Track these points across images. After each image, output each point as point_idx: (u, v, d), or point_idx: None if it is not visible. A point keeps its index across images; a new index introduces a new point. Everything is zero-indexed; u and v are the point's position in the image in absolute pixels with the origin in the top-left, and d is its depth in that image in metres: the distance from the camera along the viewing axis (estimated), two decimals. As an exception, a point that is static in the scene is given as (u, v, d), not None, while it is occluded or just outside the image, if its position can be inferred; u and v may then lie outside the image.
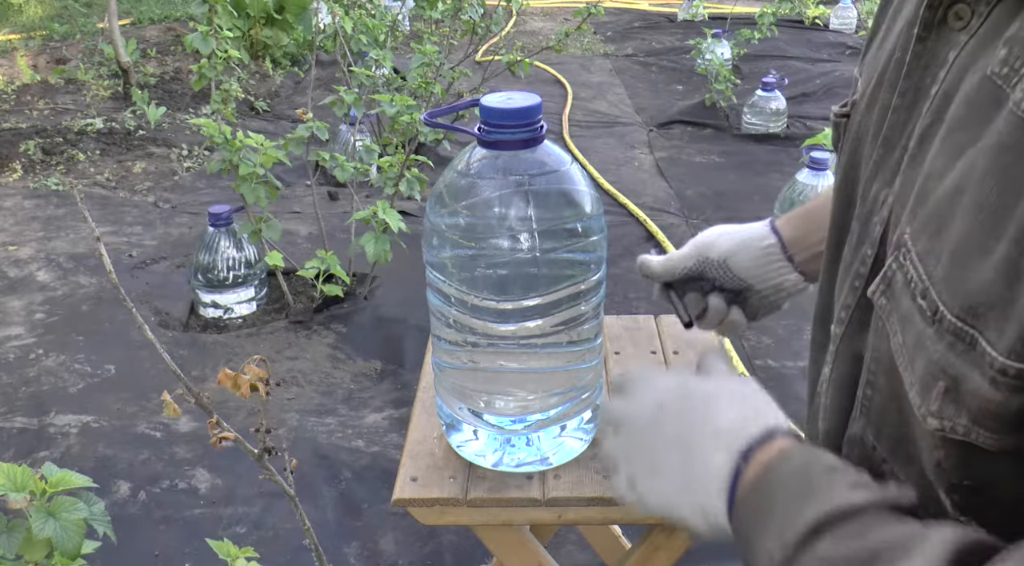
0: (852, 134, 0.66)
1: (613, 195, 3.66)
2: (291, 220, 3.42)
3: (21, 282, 3.00)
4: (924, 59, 0.55)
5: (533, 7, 7.47)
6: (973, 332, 0.45)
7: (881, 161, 0.58)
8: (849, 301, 0.61)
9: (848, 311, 0.61)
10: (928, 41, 0.55)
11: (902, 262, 0.51)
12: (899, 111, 0.57)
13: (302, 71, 5.27)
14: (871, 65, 0.66)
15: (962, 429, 0.47)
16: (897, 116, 0.57)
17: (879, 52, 0.65)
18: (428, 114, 0.94)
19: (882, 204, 0.57)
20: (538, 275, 0.92)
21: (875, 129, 0.61)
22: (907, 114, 0.56)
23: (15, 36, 5.95)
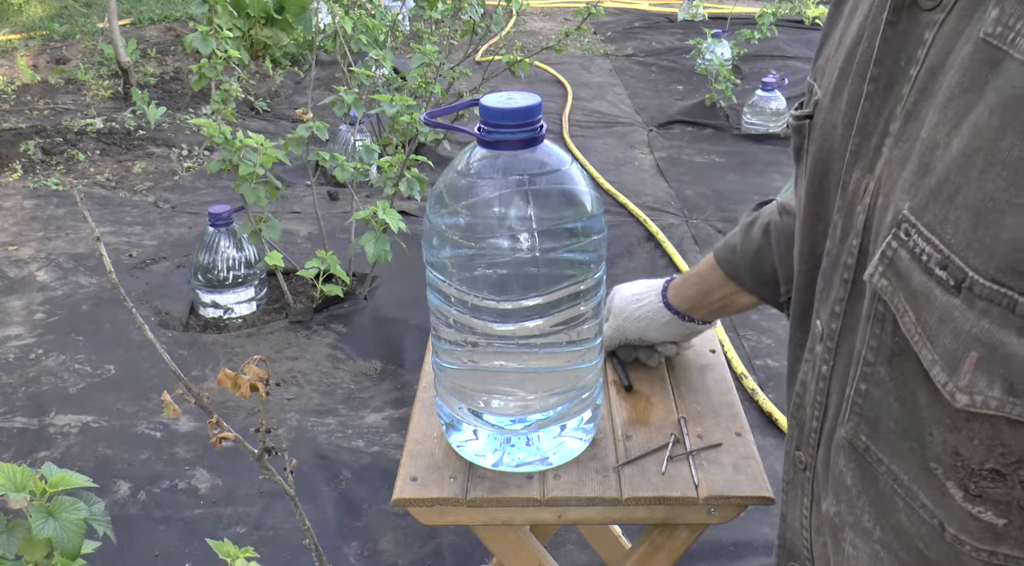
0: (817, 133, 0.66)
1: (613, 195, 3.66)
2: (291, 220, 3.42)
3: (21, 282, 3.00)
4: (896, 43, 0.55)
5: (533, 7, 7.47)
6: (1011, 293, 0.44)
7: (858, 150, 0.58)
8: (841, 294, 0.61)
9: (842, 305, 0.61)
10: (899, 24, 0.55)
11: (904, 238, 0.50)
12: (872, 97, 0.57)
13: (302, 71, 5.27)
14: (831, 63, 0.66)
15: (995, 402, 0.45)
16: (871, 103, 0.57)
17: (838, 50, 0.65)
18: (428, 114, 0.94)
19: (864, 192, 0.57)
20: (538, 275, 0.92)
21: (845, 121, 0.61)
22: (882, 99, 0.56)
23: (15, 36, 5.95)
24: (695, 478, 1.02)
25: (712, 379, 1.21)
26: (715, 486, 1.01)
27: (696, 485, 1.01)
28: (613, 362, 1.23)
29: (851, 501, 0.59)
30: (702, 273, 1.11)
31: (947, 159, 0.48)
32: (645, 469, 1.04)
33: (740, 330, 2.72)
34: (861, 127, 0.58)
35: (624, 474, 1.03)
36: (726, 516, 1.02)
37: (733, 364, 2.50)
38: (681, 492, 1.00)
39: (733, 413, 1.14)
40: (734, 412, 1.14)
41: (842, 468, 0.60)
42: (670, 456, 1.05)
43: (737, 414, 1.14)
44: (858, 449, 0.58)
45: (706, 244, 3.28)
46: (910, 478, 0.53)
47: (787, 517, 0.74)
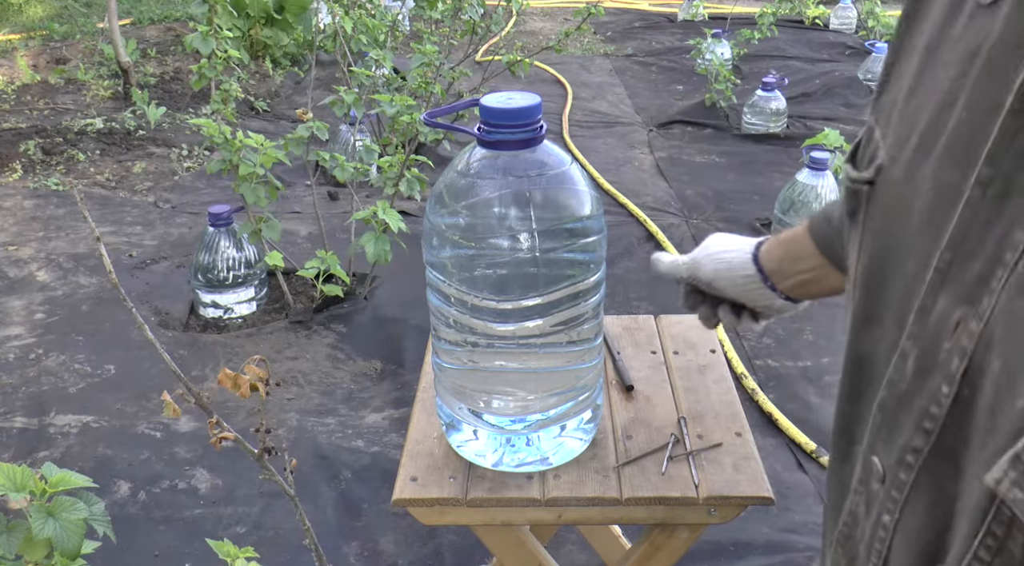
0: (881, 212, 0.53)
1: (613, 195, 3.66)
2: (291, 220, 3.42)
3: (21, 282, 3.00)
4: (1017, 138, 0.41)
5: (533, 7, 7.47)
6: None
7: (948, 269, 0.45)
8: (918, 443, 0.48)
9: (918, 457, 0.48)
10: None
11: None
12: (977, 207, 0.43)
13: (302, 71, 5.27)
14: (902, 113, 0.52)
15: None
16: (974, 213, 0.43)
17: (912, 97, 0.51)
18: (428, 114, 0.94)
19: (956, 328, 0.44)
20: (538, 275, 0.92)
21: (926, 216, 0.47)
22: (992, 212, 0.42)
23: (15, 36, 5.95)
24: (695, 478, 1.02)
25: (712, 379, 1.21)
26: (715, 486, 1.01)
27: (696, 485, 1.01)
28: (614, 362, 1.21)
29: None
30: (794, 238, 0.96)
31: None
32: (645, 469, 1.04)
33: (740, 330, 2.72)
34: (957, 242, 0.44)
35: (624, 474, 1.03)
36: (726, 516, 1.02)
37: (733, 364, 2.50)
38: (681, 492, 1.00)
39: (733, 413, 1.14)
40: (734, 412, 1.14)
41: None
42: (670, 456, 1.05)
43: (737, 414, 1.14)
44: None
45: (706, 244, 3.28)
46: None
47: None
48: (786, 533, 1.92)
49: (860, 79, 5.19)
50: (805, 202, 3.19)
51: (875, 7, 6.24)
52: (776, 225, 3.32)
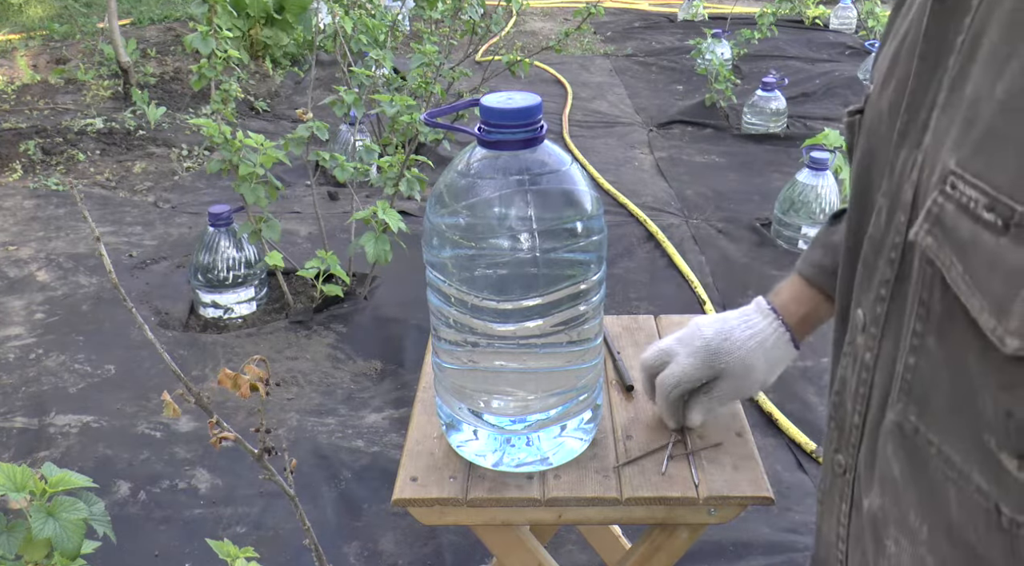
0: (867, 124, 0.65)
1: (613, 195, 3.66)
2: (291, 220, 3.42)
3: (21, 282, 3.00)
4: (943, 17, 0.55)
5: (533, 7, 7.47)
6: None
7: (905, 129, 0.58)
8: (887, 275, 0.59)
9: (888, 286, 0.59)
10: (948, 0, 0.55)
11: (951, 192, 0.50)
12: (920, 75, 0.57)
13: (302, 71, 5.27)
14: (883, 59, 0.66)
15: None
16: (919, 80, 0.57)
17: (889, 46, 0.66)
18: (428, 114, 0.94)
19: (912, 166, 0.56)
20: (538, 275, 0.92)
21: (891, 104, 0.61)
22: (930, 74, 0.56)
23: (15, 36, 5.95)
24: (695, 478, 1.02)
25: (712, 379, 1.21)
26: (715, 486, 1.01)
27: (696, 485, 1.01)
28: (614, 362, 1.20)
29: (897, 495, 0.57)
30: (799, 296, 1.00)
31: (992, 106, 0.48)
32: (645, 469, 1.04)
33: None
34: (909, 105, 0.57)
35: (624, 474, 1.03)
36: (726, 516, 1.02)
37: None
38: (681, 492, 1.00)
39: (733, 413, 1.14)
40: (734, 412, 1.14)
41: (889, 457, 0.58)
42: (670, 456, 1.05)
43: (737, 414, 1.14)
44: (907, 433, 0.56)
45: (706, 244, 3.28)
46: (962, 457, 0.51)
47: (822, 530, 0.71)
48: (786, 533, 1.92)
49: (860, 79, 5.19)
50: (805, 202, 3.19)
51: (875, 7, 6.24)
52: (776, 225, 3.32)
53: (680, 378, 1.01)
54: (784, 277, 1.04)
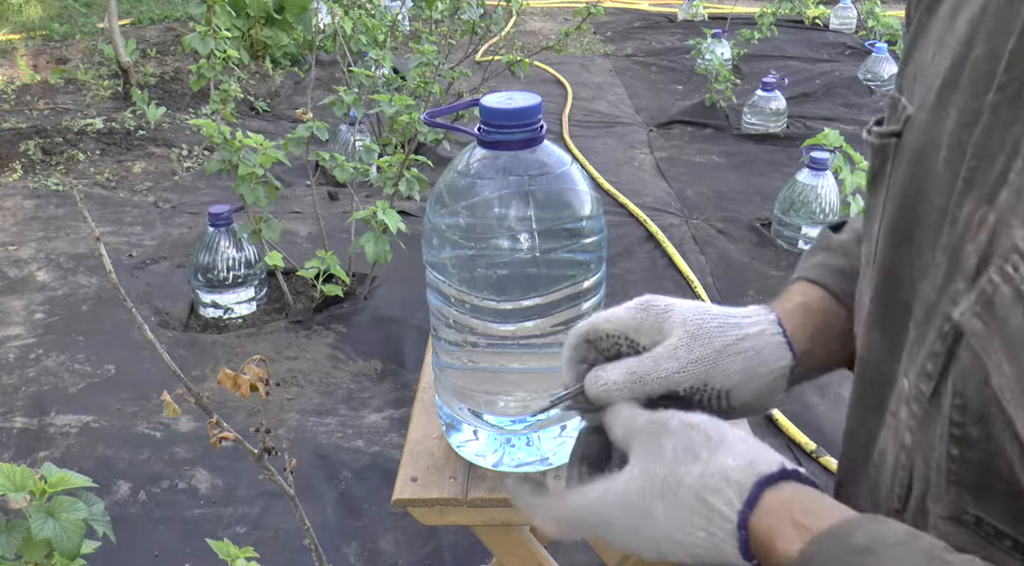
0: (910, 155, 0.54)
1: (613, 195, 3.66)
2: (291, 220, 3.42)
3: (21, 282, 3.00)
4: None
5: (533, 7, 7.48)
6: None
7: (973, 176, 0.47)
8: (937, 348, 0.48)
9: (937, 361, 0.48)
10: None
11: (1011, 272, 0.41)
12: (998, 110, 0.46)
13: (302, 71, 5.27)
14: (927, 72, 0.55)
15: None
16: (995, 117, 0.46)
17: (937, 57, 0.54)
18: (428, 114, 0.94)
19: (979, 226, 0.46)
20: (538, 275, 0.92)
21: (953, 140, 0.50)
22: (1011, 112, 0.45)
23: (15, 36, 5.95)
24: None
25: (712, 379, 1.21)
26: (715, 486, 1.01)
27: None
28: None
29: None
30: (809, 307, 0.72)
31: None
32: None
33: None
34: (980, 148, 0.47)
35: (624, 474, 1.03)
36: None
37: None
38: (681, 492, 1.00)
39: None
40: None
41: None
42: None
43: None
44: (967, 524, 0.47)
45: (706, 244, 3.28)
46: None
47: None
48: (786, 533, 1.92)
49: (860, 79, 5.20)
50: (805, 202, 3.19)
51: (875, 7, 6.24)
52: (776, 225, 3.32)
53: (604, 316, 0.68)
54: (784, 277, 1.02)
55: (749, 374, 0.65)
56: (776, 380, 0.67)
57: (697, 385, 0.64)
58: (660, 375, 0.64)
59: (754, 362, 0.65)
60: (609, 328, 0.67)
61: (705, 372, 0.64)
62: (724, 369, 0.65)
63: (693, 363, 0.64)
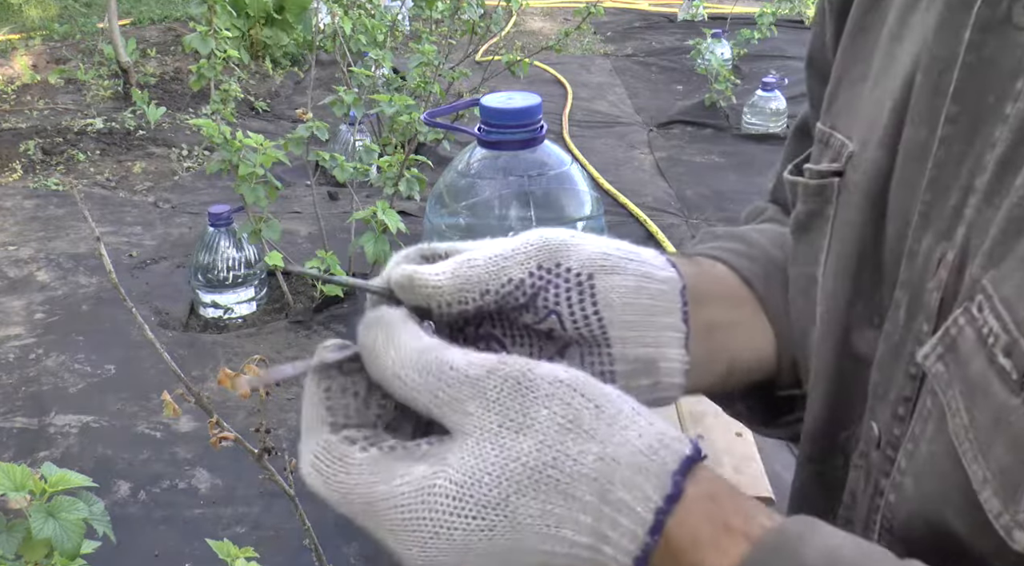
0: (856, 195, 0.51)
1: (613, 195, 3.66)
2: (291, 220, 3.42)
3: (21, 282, 3.00)
4: (982, 72, 0.42)
5: (533, 7, 7.47)
6: None
7: (929, 211, 0.45)
8: (907, 392, 0.45)
9: (908, 405, 0.46)
10: (986, 49, 0.42)
11: (975, 314, 0.39)
12: (950, 143, 0.44)
13: (302, 71, 5.27)
14: (864, 105, 0.52)
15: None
16: (947, 150, 0.44)
17: (875, 88, 0.51)
18: (428, 114, 0.94)
19: (938, 263, 0.44)
20: (538, 275, 0.93)
21: (905, 176, 0.47)
22: (964, 145, 0.43)
23: (15, 36, 5.95)
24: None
25: (712, 379, 1.21)
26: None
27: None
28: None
29: None
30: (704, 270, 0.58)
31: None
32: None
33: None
34: (933, 181, 0.44)
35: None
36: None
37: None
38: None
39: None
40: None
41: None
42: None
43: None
44: None
45: (706, 244, 3.28)
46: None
47: None
48: (786, 533, 1.92)
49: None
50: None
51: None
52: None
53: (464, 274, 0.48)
54: None
55: (615, 265, 0.49)
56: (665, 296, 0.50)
57: (545, 266, 0.47)
58: (497, 252, 0.47)
59: (623, 253, 0.50)
60: (447, 247, 0.50)
61: (555, 250, 0.48)
62: (582, 250, 0.48)
63: (528, 242, 0.48)
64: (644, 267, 0.50)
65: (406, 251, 0.51)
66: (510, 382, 0.40)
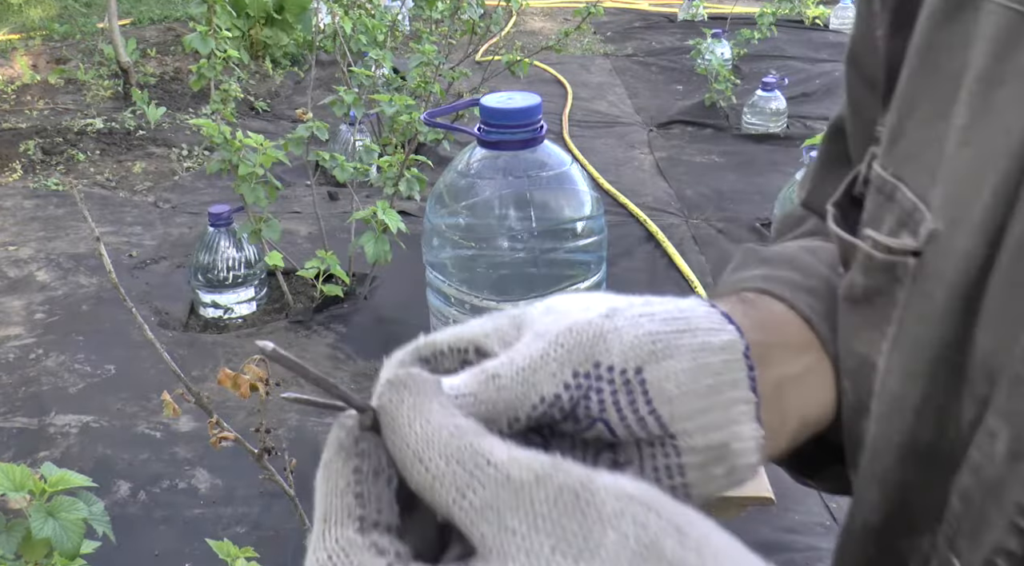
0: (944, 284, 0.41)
1: (613, 195, 3.66)
2: (291, 220, 3.42)
3: (21, 282, 3.00)
4: None
5: (533, 7, 7.47)
6: None
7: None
8: (1009, 545, 0.38)
9: (1013, 561, 0.39)
10: None
11: None
12: None
13: (302, 71, 5.27)
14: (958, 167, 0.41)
15: None
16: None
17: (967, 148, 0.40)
18: (428, 114, 0.94)
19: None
20: (538, 275, 0.92)
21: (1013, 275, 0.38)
22: None
23: (15, 36, 5.95)
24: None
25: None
26: (715, 486, 1.01)
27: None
28: None
29: None
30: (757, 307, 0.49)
31: None
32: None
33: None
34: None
35: (624, 474, 1.02)
36: (726, 516, 1.02)
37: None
38: (681, 492, 1.00)
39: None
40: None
41: None
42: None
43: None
44: None
45: (706, 244, 3.28)
46: None
47: None
48: (786, 533, 1.92)
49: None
50: (805, 202, 3.19)
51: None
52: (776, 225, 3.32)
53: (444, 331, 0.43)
54: None
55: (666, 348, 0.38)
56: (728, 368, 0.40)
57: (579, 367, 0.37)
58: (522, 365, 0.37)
59: (671, 328, 0.39)
60: (449, 340, 0.41)
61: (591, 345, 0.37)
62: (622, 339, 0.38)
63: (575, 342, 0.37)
64: (698, 338, 0.39)
65: (400, 356, 0.43)
66: (567, 494, 0.30)
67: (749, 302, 0.48)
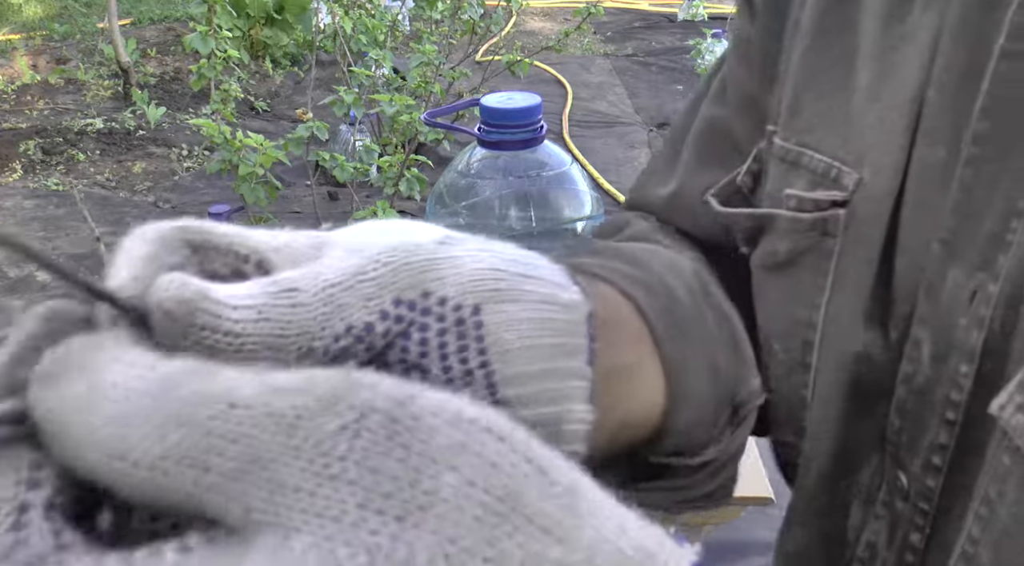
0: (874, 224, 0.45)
1: (613, 195, 3.66)
2: (291, 220, 3.42)
3: (21, 282, 3.00)
4: (1018, 83, 0.39)
5: (533, 7, 7.48)
6: None
7: (954, 239, 0.41)
8: (943, 439, 0.42)
9: (945, 455, 0.42)
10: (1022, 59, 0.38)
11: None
12: (978, 164, 0.40)
13: (302, 71, 5.27)
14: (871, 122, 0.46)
15: None
16: (976, 172, 0.40)
17: (876, 104, 0.46)
18: (428, 114, 0.94)
19: (972, 299, 0.40)
20: (538, 275, 0.93)
21: (919, 200, 0.43)
22: (998, 164, 0.39)
23: (15, 36, 5.95)
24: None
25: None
26: (715, 486, 1.01)
27: (696, 485, 1.01)
28: None
29: None
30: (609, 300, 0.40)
31: None
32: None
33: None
34: (961, 205, 0.40)
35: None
36: (726, 516, 1.02)
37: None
38: (681, 492, 1.00)
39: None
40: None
41: None
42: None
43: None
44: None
45: (706, 244, 3.28)
46: None
47: None
48: (786, 533, 1.92)
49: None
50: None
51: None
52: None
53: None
54: None
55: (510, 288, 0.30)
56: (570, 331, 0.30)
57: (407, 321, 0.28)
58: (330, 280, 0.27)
59: (515, 269, 0.31)
60: (230, 237, 0.29)
61: (421, 269, 0.28)
62: (459, 269, 0.29)
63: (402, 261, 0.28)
64: (544, 289, 0.30)
65: (159, 231, 0.29)
66: (375, 421, 0.21)
67: (593, 281, 0.40)
